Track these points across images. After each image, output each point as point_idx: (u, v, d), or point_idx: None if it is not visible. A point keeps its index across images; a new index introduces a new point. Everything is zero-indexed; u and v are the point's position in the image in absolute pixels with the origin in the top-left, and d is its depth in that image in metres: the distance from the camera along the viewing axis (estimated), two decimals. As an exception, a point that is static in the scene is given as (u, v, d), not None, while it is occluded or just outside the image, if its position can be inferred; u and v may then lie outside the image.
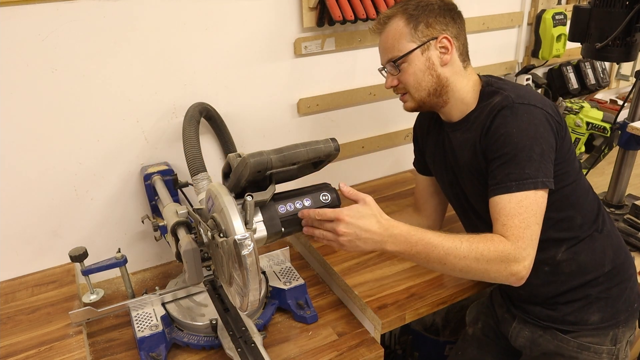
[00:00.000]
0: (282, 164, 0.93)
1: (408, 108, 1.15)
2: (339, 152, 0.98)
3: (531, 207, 0.95)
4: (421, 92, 1.10)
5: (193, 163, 1.16)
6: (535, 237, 0.96)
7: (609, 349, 1.10)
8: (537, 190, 0.96)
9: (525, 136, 0.97)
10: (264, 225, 0.98)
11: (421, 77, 1.08)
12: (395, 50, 1.08)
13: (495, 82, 1.10)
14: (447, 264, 0.94)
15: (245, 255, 0.84)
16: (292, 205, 1.01)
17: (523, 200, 0.96)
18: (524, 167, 0.96)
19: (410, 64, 1.08)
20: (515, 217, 0.95)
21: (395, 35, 1.08)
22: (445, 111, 1.14)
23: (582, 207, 1.10)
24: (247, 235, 0.84)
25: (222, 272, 0.96)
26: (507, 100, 1.01)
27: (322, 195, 1.04)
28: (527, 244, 0.94)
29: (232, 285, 0.92)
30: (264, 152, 0.91)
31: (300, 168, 1.03)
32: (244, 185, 0.95)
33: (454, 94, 1.10)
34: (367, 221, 0.94)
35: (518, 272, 0.93)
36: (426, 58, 1.07)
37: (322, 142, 0.97)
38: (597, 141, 1.88)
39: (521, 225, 0.94)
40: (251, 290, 0.87)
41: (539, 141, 0.97)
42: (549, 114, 1.01)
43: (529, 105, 1.00)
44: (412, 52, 1.06)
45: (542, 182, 0.96)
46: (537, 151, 0.97)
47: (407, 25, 1.07)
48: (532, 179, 0.96)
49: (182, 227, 1.06)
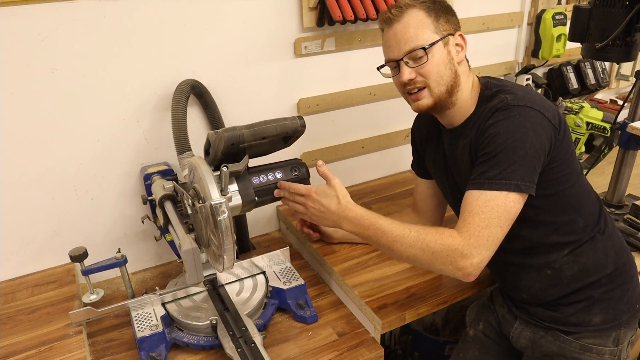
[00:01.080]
0: (253, 138, 1.05)
1: (423, 106, 1.08)
2: (304, 129, 1.10)
3: (496, 209, 0.95)
4: (441, 86, 1.05)
5: (180, 143, 1.23)
6: (494, 238, 0.94)
7: (611, 349, 1.10)
8: (509, 193, 0.95)
9: (510, 137, 0.96)
10: (239, 194, 1.09)
11: (443, 70, 1.04)
12: (419, 39, 1.02)
13: (494, 84, 1.09)
14: (395, 250, 1.01)
15: (220, 220, 0.94)
16: (265, 177, 1.13)
17: (490, 201, 0.95)
18: (501, 168, 0.95)
19: (434, 55, 1.03)
20: (477, 215, 0.95)
21: (418, 25, 1.03)
22: (449, 114, 1.11)
23: (584, 209, 1.09)
24: (222, 201, 0.95)
25: (202, 236, 1.06)
26: (503, 102, 1.00)
27: (293, 169, 1.17)
28: (480, 242, 0.93)
29: (209, 247, 1.04)
30: (236, 127, 1.03)
31: (271, 143, 1.12)
32: (221, 158, 1.06)
33: (461, 94, 1.08)
34: (329, 200, 1.08)
35: (464, 268, 0.94)
36: (447, 52, 1.05)
37: (290, 119, 1.09)
38: (597, 141, 1.88)
39: (480, 224, 0.94)
40: (226, 250, 0.98)
41: (524, 144, 0.96)
42: (546, 117, 0.99)
43: (524, 107, 0.98)
44: (437, 42, 1.03)
45: (516, 185, 0.95)
46: (520, 154, 0.95)
47: (428, 16, 1.03)
48: (505, 180, 0.95)
49: (169, 200, 1.15)
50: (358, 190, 1.74)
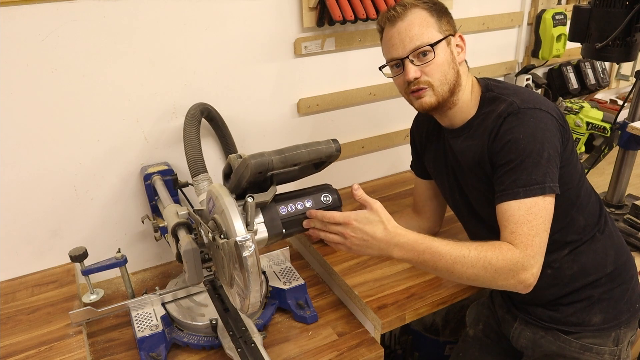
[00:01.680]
0: (283, 165, 0.93)
1: (426, 104, 1.06)
2: (340, 153, 0.98)
3: (540, 214, 0.95)
4: (445, 85, 1.04)
5: (194, 164, 1.15)
6: (544, 244, 0.95)
7: (611, 349, 1.10)
8: (545, 196, 0.95)
9: (532, 141, 0.96)
10: (265, 227, 0.98)
11: (447, 69, 1.04)
12: (424, 37, 1.02)
13: (495, 86, 1.09)
14: (455, 272, 0.94)
15: (246, 257, 0.84)
16: (293, 206, 1.01)
17: (532, 207, 0.95)
18: (531, 173, 0.95)
19: (438, 54, 1.03)
20: (524, 225, 0.94)
21: (423, 23, 1.03)
22: (449, 114, 1.11)
23: (586, 209, 1.10)
24: (248, 237, 0.84)
25: (223, 274, 0.96)
26: (513, 106, 1.00)
27: (324, 197, 1.04)
28: (535, 251, 0.93)
29: (233, 287, 0.92)
30: (265, 153, 0.91)
31: (302, 169, 1.03)
32: (245, 187, 0.95)
33: (462, 95, 1.08)
34: (374, 227, 0.95)
35: (526, 280, 0.94)
36: (450, 51, 1.05)
37: (324, 143, 0.97)
38: (597, 141, 1.88)
39: (530, 232, 0.94)
40: (252, 292, 0.87)
41: (545, 146, 0.96)
42: (554, 117, 1.00)
43: (535, 109, 0.99)
44: (441, 42, 1.03)
45: (550, 187, 0.95)
46: (545, 156, 0.96)
47: (431, 16, 1.04)
48: (539, 184, 0.95)
49: (183, 228, 1.06)
50: (358, 190, 1.74)
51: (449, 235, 1.41)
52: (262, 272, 1.22)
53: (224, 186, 0.97)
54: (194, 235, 1.04)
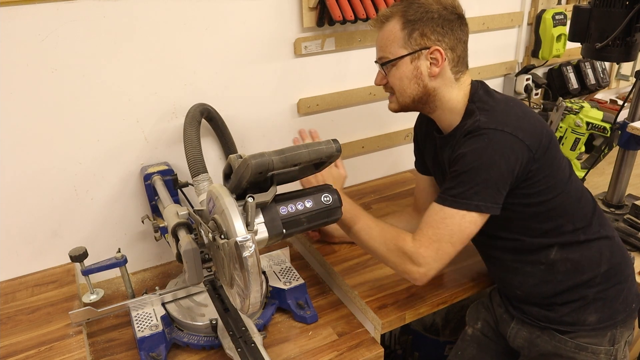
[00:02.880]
0: (283, 165, 0.93)
1: (390, 108, 1.16)
2: (340, 153, 0.99)
3: (450, 227, 1.00)
4: (405, 97, 1.10)
5: (194, 164, 1.15)
6: (443, 253, 1.01)
7: (607, 349, 1.10)
8: (468, 212, 0.99)
9: (476, 160, 0.98)
10: (265, 227, 0.98)
11: (407, 83, 1.08)
12: (386, 51, 1.08)
13: (479, 97, 1.08)
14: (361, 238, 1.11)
15: (247, 257, 0.84)
16: (293, 206, 1.02)
17: (446, 218, 1.00)
18: (464, 188, 0.99)
19: (398, 68, 1.08)
20: (431, 228, 1.02)
21: (390, 38, 1.07)
22: (435, 117, 1.14)
23: (573, 214, 1.09)
24: (248, 237, 0.85)
25: (223, 274, 0.96)
26: (475, 124, 1.02)
27: (324, 197, 1.05)
28: (428, 254, 1.01)
29: (234, 287, 0.92)
30: (265, 154, 0.91)
31: (302, 169, 1.03)
32: (245, 187, 0.95)
33: (442, 103, 1.09)
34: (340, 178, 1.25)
35: (411, 272, 1.04)
36: (414, 67, 1.06)
37: (324, 143, 0.97)
38: (597, 141, 1.88)
39: (432, 237, 1.01)
40: (252, 292, 0.87)
41: (489, 167, 0.97)
42: (519, 139, 0.98)
43: (495, 130, 0.99)
44: (402, 58, 1.06)
45: (476, 206, 0.98)
46: (483, 176, 0.98)
47: (402, 29, 1.05)
48: (466, 200, 0.98)
49: (183, 228, 1.06)
50: (358, 190, 1.74)
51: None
52: (262, 272, 1.23)
53: (224, 186, 0.97)
54: (194, 235, 1.04)
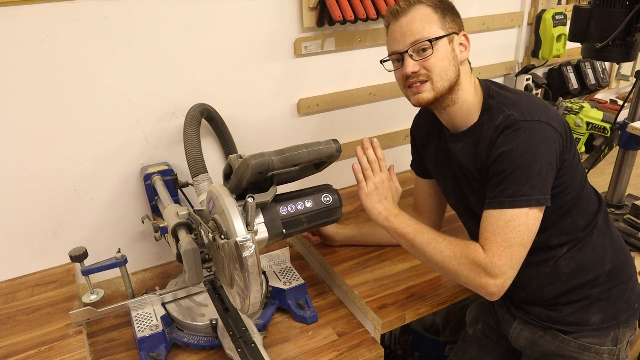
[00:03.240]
0: (283, 165, 0.94)
1: (423, 99, 1.07)
2: (340, 153, 0.99)
3: (518, 228, 0.97)
4: (444, 81, 1.05)
5: (194, 164, 1.15)
6: (517, 257, 0.97)
7: (610, 349, 1.10)
8: (530, 209, 0.97)
9: (524, 154, 0.97)
10: (265, 227, 0.98)
11: (447, 65, 1.04)
12: (425, 32, 1.03)
13: (496, 93, 1.08)
14: (427, 253, 1.04)
15: (247, 257, 0.84)
16: (293, 206, 1.03)
17: (511, 221, 0.97)
18: (519, 184, 0.97)
19: (439, 49, 1.03)
20: (499, 235, 0.97)
21: (425, 19, 1.04)
22: (450, 112, 1.11)
23: (585, 209, 1.10)
24: (248, 237, 0.85)
25: (223, 274, 0.96)
26: (510, 119, 1.01)
27: (324, 197, 1.06)
28: (503, 262, 0.96)
29: (234, 287, 0.92)
30: (265, 154, 0.92)
31: (302, 169, 1.03)
32: (245, 187, 0.96)
33: (462, 94, 1.08)
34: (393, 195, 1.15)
35: (487, 286, 0.97)
36: (452, 49, 1.05)
37: (324, 143, 0.98)
38: (597, 141, 1.88)
39: (503, 244, 0.97)
40: (252, 292, 0.87)
41: (538, 158, 0.97)
42: (553, 127, 0.99)
43: (532, 122, 0.99)
44: (442, 38, 1.04)
45: (537, 200, 0.97)
46: (536, 168, 0.96)
47: (435, 12, 1.04)
48: (525, 196, 0.96)
49: (183, 228, 1.06)
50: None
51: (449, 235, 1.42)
52: (262, 272, 1.24)
53: (224, 186, 0.97)
54: (194, 235, 1.04)
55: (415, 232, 1.06)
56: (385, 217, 1.10)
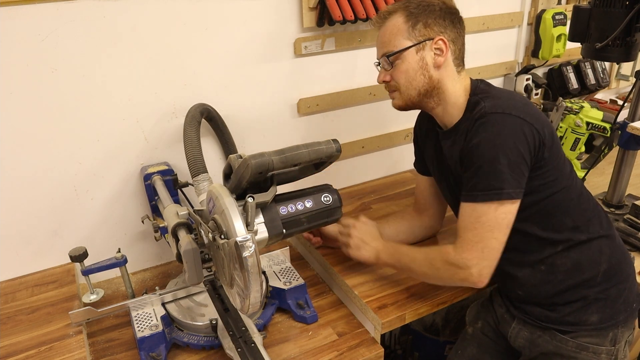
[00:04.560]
0: (283, 165, 0.94)
1: (395, 106, 1.16)
2: (340, 153, 1.00)
3: (488, 224, 0.99)
4: (411, 90, 1.10)
5: (194, 164, 1.16)
6: (489, 249, 1.00)
7: (608, 349, 1.10)
8: (502, 202, 0.98)
9: (491, 147, 0.98)
10: (265, 227, 0.99)
11: (413, 75, 1.09)
12: (390, 45, 1.08)
13: (482, 90, 1.10)
14: (413, 270, 1.12)
15: (247, 257, 0.84)
16: (293, 206, 1.03)
17: (481, 216, 1.00)
18: (490, 179, 0.98)
19: (403, 61, 1.08)
20: (470, 231, 1.01)
21: (393, 31, 1.08)
22: (437, 114, 1.14)
23: (574, 210, 1.10)
24: (248, 237, 0.85)
25: (223, 274, 0.96)
26: (482, 110, 1.02)
27: (324, 197, 1.06)
28: (473, 255, 1.00)
29: (234, 287, 0.92)
30: (265, 154, 0.92)
31: (302, 169, 1.04)
32: (245, 187, 0.96)
33: (445, 97, 1.10)
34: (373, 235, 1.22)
35: (466, 278, 1.02)
36: (420, 57, 1.07)
37: (324, 143, 0.98)
38: (597, 141, 1.88)
39: (473, 239, 1.01)
40: (252, 292, 0.87)
41: (506, 152, 0.97)
42: (527, 122, 0.99)
43: (503, 114, 0.99)
44: (407, 49, 1.07)
45: (508, 194, 0.98)
46: (503, 162, 0.97)
47: (405, 22, 1.07)
48: (496, 190, 0.98)
49: (183, 228, 1.07)
50: (358, 190, 1.74)
51: (449, 235, 1.42)
52: (262, 272, 1.24)
53: (224, 186, 0.97)
54: (194, 235, 1.04)
55: (398, 257, 1.14)
56: (374, 258, 1.19)
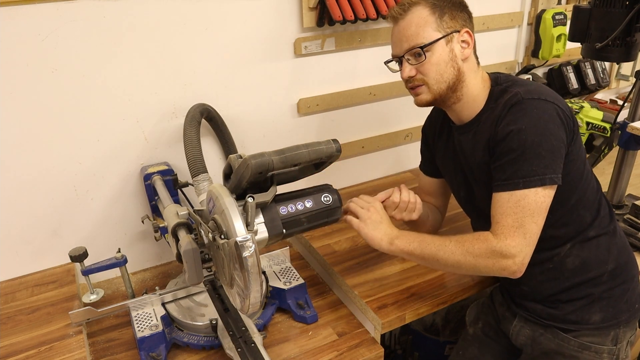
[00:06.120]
0: (283, 165, 0.94)
1: (422, 101, 1.10)
2: (340, 153, 0.99)
3: (528, 207, 0.97)
4: (441, 84, 1.06)
5: (194, 164, 1.15)
6: (530, 234, 0.98)
7: (610, 348, 1.10)
8: (544, 188, 0.97)
9: (533, 132, 0.97)
10: (265, 227, 0.98)
11: (444, 68, 1.05)
12: (419, 37, 1.03)
13: (504, 79, 1.09)
14: (440, 259, 1.04)
15: (247, 257, 0.84)
16: (293, 206, 1.03)
17: (521, 200, 0.97)
18: (532, 164, 0.96)
19: (434, 53, 1.04)
20: (509, 217, 0.98)
21: (420, 23, 1.03)
22: (456, 109, 1.11)
23: (592, 205, 1.10)
24: (248, 237, 0.85)
25: (223, 274, 0.96)
26: (517, 97, 1.01)
27: (324, 197, 1.06)
28: (517, 242, 0.97)
29: (234, 287, 0.92)
30: (265, 154, 0.92)
31: (302, 169, 1.03)
32: (245, 187, 0.96)
33: (468, 90, 1.08)
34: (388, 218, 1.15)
35: (508, 267, 0.98)
36: (450, 49, 1.05)
37: (324, 143, 0.98)
38: (597, 141, 1.88)
39: (514, 224, 0.97)
40: (252, 292, 0.87)
41: (548, 137, 0.97)
42: (560, 108, 1.00)
43: (539, 100, 0.99)
44: (438, 41, 1.04)
45: (550, 179, 0.97)
46: (546, 147, 0.96)
47: (432, 14, 1.04)
48: (539, 175, 0.96)
49: (183, 228, 1.06)
50: (358, 190, 1.74)
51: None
52: (262, 272, 1.24)
53: (224, 186, 0.97)
54: (194, 235, 1.04)
55: (422, 245, 1.06)
56: (387, 241, 1.10)
